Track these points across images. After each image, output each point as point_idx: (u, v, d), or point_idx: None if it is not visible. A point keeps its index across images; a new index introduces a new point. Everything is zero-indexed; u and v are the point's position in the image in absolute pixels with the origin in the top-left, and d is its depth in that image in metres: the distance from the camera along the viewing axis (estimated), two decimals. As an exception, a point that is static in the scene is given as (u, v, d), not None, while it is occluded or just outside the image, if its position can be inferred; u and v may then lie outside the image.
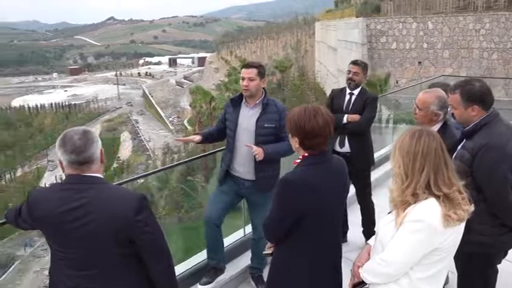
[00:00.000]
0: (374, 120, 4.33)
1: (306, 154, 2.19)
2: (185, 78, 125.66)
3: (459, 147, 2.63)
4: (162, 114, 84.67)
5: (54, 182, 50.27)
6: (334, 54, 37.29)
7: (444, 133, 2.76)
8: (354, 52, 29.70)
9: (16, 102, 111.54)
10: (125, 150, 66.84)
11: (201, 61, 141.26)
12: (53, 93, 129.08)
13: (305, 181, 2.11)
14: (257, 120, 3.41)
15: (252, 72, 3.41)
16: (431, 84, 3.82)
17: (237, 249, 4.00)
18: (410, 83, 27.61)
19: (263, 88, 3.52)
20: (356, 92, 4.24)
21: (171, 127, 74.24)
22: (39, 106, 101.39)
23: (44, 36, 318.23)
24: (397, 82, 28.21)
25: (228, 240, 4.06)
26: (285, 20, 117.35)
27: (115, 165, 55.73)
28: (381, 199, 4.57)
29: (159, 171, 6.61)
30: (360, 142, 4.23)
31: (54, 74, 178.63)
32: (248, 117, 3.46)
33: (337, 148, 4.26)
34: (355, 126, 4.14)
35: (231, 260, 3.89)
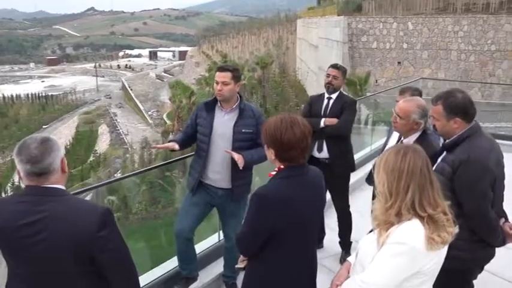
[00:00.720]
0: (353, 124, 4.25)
1: (282, 166, 2.10)
2: (165, 71, 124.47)
3: (439, 159, 2.57)
4: (141, 108, 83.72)
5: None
6: (315, 51, 37.36)
7: (423, 142, 2.69)
8: (335, 50, 29.79)
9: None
10: (103, 144, 65.88)
11: (182, 55, 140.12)
12: (29, 83, 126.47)
13: (279, 195, 2.02)
14: (234, 125, 3.29)
15: (227, 76, 3.27)
16: (402, 88, 3.79)
17: (211, 255, 3.89)
18: (389, 82, 27.85)
19: (238, 93, 3.40)
20: (334, 96, 4.15)
21: (150, 121, 73.48)
22: (15, 96, 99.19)
23: (22, 25, 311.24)
24: (376, 81, 28.41)
25: (202, 246, 3.95)
26: (267, 16, 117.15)
27: (92, 158, 54.90)
28: (357, 203, 4.53)
29: (128, 176, 6.32)
30: (339, 147, 4.12)
31: (31, 64, 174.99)
32: (224, 122, 3.33)
33: (315, 154, 4.15)
34: (333, 130, 4.04)
35: (205, 267, 3.78)
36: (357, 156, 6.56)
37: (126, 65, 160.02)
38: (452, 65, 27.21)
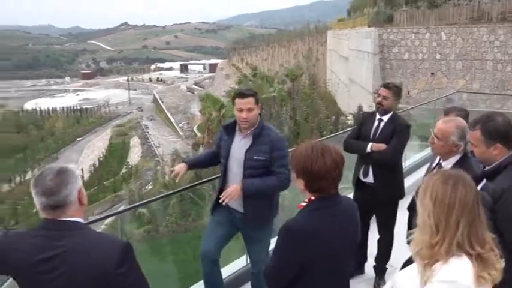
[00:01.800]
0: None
1: (312, 198, 1.98)
2: (196, 84, 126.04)
3: (479, 187, 2.36)
4: (172, 120, 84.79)
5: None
6: (346, 63, 37.09)
7: (463, 166, 2.53)
8: (365, 62, 29.49)
9: (29, 105, 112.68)
10: (134, 156, 66.89)
11: (212, 67, 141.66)
12: (64, 96, 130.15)
13: (308, 229, 1.91)
14: (246, 151, 3.18)
15: (250, 102, 3.17)
16: (447, 108, 3.57)
17: (239, 280, 3.77)
18: (422, 94, 27.29)
19: (259, 114, 3.29)
20: (386, 118, 3.88)
21: (181, 133, 74.26)
22: (50, 109, 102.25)
23: (58, 41, 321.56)
24: (408, 93, 27.88)
25: (229, 270, 3.82)
26: (296, 28, 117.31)
27: (124, 170, 55.75)
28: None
29: (153, 200, 6.15)
30: (386, 173, 3.86)
31: (67, 78, 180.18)
32: (240, 147, 3.24)
33: (361, 177, 3.97)
34: (379, 157, 3.80)
35: (232, 292, 3.65)
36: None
37: (158, 78, 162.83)
38: (488, 76, 26.43)
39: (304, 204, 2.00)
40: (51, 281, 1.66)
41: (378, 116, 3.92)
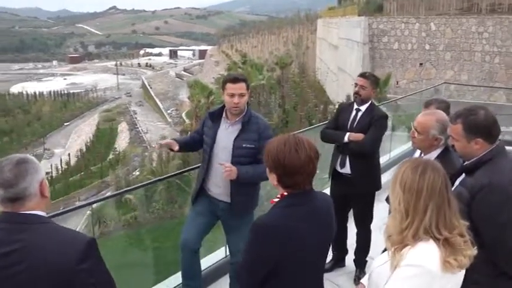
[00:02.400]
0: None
1: (285, 193, 1.91)
2: (185, 70, 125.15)
3: (457, 182, 2.32)
4: (161, 106, 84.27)
5: (50, 170, 50.24)
6: (335, 52, 36.99)
7: (444, 160, 2.47)
8: (355, 51, 29.41)
9: (15, 89, 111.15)
10: (122, 141, 66.49)
11: (202, 54, 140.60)
12: (52, 80, 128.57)
13: (281, 225, 1.83)
14: (235, 139, 3.10)
15: (242, 87, 3.08)
16: (428, 101, 3.51)
17: (217, 272, 3.71)
18: (410, 84, 27.33)
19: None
20: (363, 108, 3.81)
21: (169, 119, 73.93)
22: (37, 93, 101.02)
23: (46, 24, 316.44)
24: (397, 83, 27.93)
25: (208, 261, 3.77)
26: (287, 16, 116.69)
27: (111, 156, 55.42)
28: (374, 218, 4.29)
29: (138, 187, 6.06)
30: (363, 163, 3.82)
31: (54, 62, 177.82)
32: (227, 135, 3.15)
33: (338, 168, 3.92)
34: (357, 147, 3.74)
35: (210, 284, 3.60)
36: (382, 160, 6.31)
37: (147, 63, 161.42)
38: (476, 67, 26.54)
39: (276, 200, 1.93)
40: (10, 277, 1.58)
41: (355, 106, 3.86)
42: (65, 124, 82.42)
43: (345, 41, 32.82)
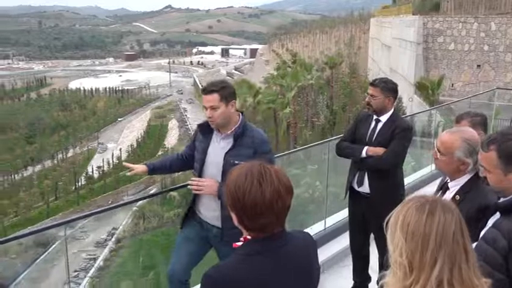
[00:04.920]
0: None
1: (249, 237, 1.54)
2: (236, 69, 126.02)
3: (489, 224, 1.84)
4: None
5: (102, 164, 51.84)
6: (388, 52, 35.97)
7: (474, 189, 2.08)
8: (408, 51, 28.42)
9: (73, 85, 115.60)
10: (171, 138, 67.66)
11: (253, 53, 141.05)
12: (107, 77, 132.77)
13: (235, 280, 1.46)
14: (225, 155, 2.76)
15: (214, 99, 2.72)
16: (459, 115, 3.02)
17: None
18: (466, 87, 26.04)
19: (240, 112, 2.86)
20: (384, 118, 3.38)
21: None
22: (94, 89, 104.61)
23: (104, 22, 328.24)
24: (452, 85, 26.68)
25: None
26: (340, 15, 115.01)
27: (160, 152, 56.50)
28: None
29: (183, 186, 5.70)
30: (383, 181, 3.37)
31: (111, 59, 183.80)
32: (218, 150, 2.81)
33: (355, 186, 3.50)
34: (376, 162, 3.31)
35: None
36: (415, 177, 5.77)
37: (199, 61, 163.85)
38: (539, 70, 24.95)
39: (240, 243, 1.56)
40: None
41: (375, 117, 3.42)
42: (119, 120, 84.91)
43: (398, 40, 31.79)
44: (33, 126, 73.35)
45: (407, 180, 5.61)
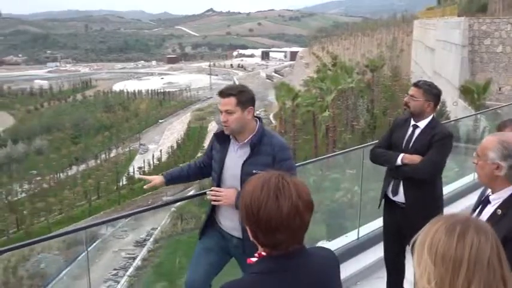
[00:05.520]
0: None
1: (263, 253, 1.45)
2: (276, 72, 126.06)
3: None
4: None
5: (143, 165, 52.90)
6: (432, 55, 35.02)
7: None
8: (453, 54, 27.55)
9: (117, 87, 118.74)
10: (211, 140, 68.34)
11: (293, 55, 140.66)
12: (150, 79, 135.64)
13: None
14: (243, 164, 2.65)
15: (230, 102, 2.62)
16: (503, 121, 2.80)
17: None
18: (515, 91, 25.00)
19: (257, 118, 2.74)
20: (422, 124, 3.18)
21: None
22: (136, 91, 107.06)
23: (148, 26, 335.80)
24: (499, 89, 25.65)
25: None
26: (382, 17, 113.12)
27: (199, 154, 57.13)
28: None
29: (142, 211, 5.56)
30: (420, 191, 3.17)
31: (153, 62, 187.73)
32: (235, 159, 2.70)
33: (390, 195, 3.32)
34: (411, 171, 3.12)
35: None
36: (456, 186, 5.45)
37: (239, 64, 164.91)
38: None
39: (254, 259, 1.46)
40: None
41: (412, 122, 3.22)
42: (160, 121, 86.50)
43: (442, 43, 30.88)
44: (78, 127, 75.78)
45: (448, 188, 5.34)
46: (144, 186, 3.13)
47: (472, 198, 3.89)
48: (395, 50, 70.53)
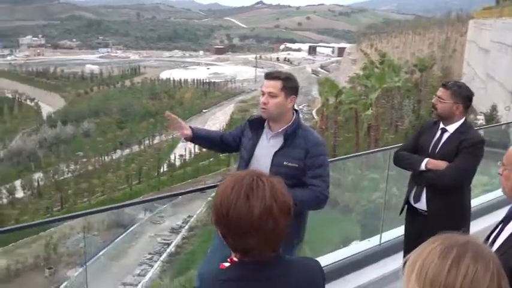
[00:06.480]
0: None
1: (235, 259, 1.33)
2: (322, 67, 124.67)
3: None
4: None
5: (184, 153, 53.69)
6: (485, 56, 33.65)
7: None
8: (508, 56, 26.39)
9: (164, 75, 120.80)
10: (252, 132, 68.47)
11: (341, 51, 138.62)
12: (196, 69, 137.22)
13: None
14: (275, 155, 2.55)
15: (275, 85, 2.54)
16: None
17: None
18: None
19: (294, 110, 2.64)
20: (451, 128, 2.96)
21: (300, 115, 74.19)
22: (182, 80, 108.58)
23: (197, 16, 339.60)
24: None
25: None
26: (436, 15, 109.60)
27: (240, 145, 57.43)
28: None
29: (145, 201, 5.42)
30: (443, 199, 2.96)
31: (201, 52, 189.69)
32: (267, 148, 2.61)
33: (412, 201, 3.13)
34: (435, 178, 2.92)
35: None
36: (490, 197, 5.05)
37: (285, 58, 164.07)
38: None
39: (227, 264, 1.35)
40: None
41: (441, 125, 3.01)
42: (203, 111, 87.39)
43: (497, 44, 29.60)
44: (125, 112, 77.69)
45: (480, 199, 5.01)
46: (168, 128, 3.02)
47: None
48: (448, 50, 68.26)
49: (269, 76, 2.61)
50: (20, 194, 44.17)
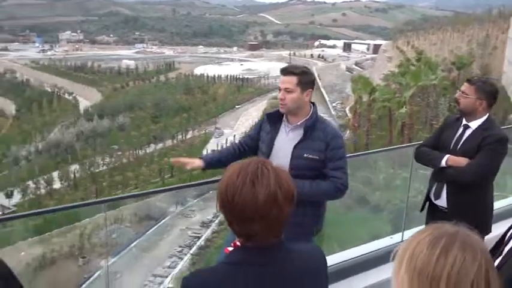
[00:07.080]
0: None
1: (238, 243, 1.36)
2: (356, 64, 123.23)
3: None
4: (327, 98, 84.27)
5: (216, 148, 54.26)
6: (526, 54, 32.48)
7: None
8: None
9: (198, 71, 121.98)
10: (283, 129, 68.41)
11: (376, 48, 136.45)
12: (230, 65, 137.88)
13: None
14: (295, 147, 2.59)
15: (291, 81, 2.58)
16: None
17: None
18: None
19: (312, 103, 2.67)
20: (474, 125, 2.91)
21: (333, 112, 73.62)
22: (216, 76, 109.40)
23: (232, 12, 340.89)
24: None
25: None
26: (476, 12, 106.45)
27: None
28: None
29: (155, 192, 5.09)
30: (464, 197, 2.92)
31: (235, 48, 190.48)
32: (286, 141, 2.65)
33: (432, 198, 3.10)
34: (455, 174, 2.88)
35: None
36: (500, 204, 4.82)
37: (319, 54, 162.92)
38: None
39: (231, 248, 1.38)
40: None
41: (463, 122, 2.96)
42: (236, 107, 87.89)
43: (539, 42, 28.53)
44: (159, 107, 78.98)
45: (506, 201, 4.86)
46: (180, 160, 3.07)
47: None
48: (488, 48, 66.19)
49: (285, 71, 2.65)
50: (57, 185, 45.64)
